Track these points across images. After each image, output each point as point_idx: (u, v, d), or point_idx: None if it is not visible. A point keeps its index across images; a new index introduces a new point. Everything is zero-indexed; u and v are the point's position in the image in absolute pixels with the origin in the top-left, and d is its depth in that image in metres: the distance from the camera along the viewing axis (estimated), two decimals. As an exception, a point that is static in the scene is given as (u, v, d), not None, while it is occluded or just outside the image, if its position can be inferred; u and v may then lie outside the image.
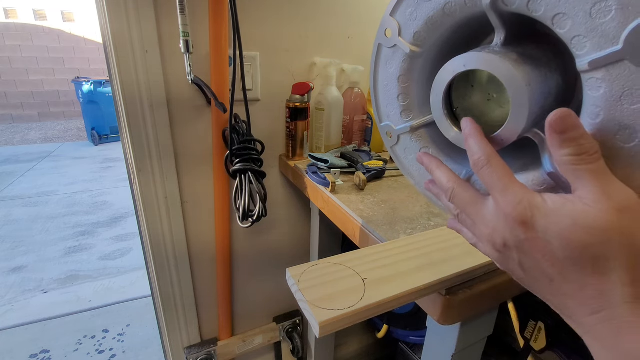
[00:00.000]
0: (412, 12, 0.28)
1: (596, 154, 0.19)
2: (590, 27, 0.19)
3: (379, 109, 0.35)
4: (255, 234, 0.93)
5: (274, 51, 0.78)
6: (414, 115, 0.32)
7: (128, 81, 0.65)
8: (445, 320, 0.39)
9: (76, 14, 5.19)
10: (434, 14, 0.26)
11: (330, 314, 0.30)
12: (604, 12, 0.18)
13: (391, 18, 0.29)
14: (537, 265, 0.21)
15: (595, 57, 0.19)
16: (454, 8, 0.25)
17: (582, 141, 0.19)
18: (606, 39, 0.19)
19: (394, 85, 0.32)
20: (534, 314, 0.61)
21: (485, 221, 0.24)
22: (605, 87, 0.20)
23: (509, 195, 0.22)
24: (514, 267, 0.23)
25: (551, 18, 0.21)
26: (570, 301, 0.21)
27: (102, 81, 3.98)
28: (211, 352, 0.93)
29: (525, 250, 0.22)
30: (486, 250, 0.25)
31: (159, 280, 0.82)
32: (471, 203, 0.25)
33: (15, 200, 2.69)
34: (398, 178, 0.72)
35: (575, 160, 0.20)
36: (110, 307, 1.59)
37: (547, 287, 0.22)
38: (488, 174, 0.23)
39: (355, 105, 0.83)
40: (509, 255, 0.23)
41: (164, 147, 0.72)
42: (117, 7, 0.60)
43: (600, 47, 0.19)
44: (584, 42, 0.20)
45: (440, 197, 0.30)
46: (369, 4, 0.85)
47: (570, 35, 0.20)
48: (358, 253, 0.39)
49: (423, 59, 0.30)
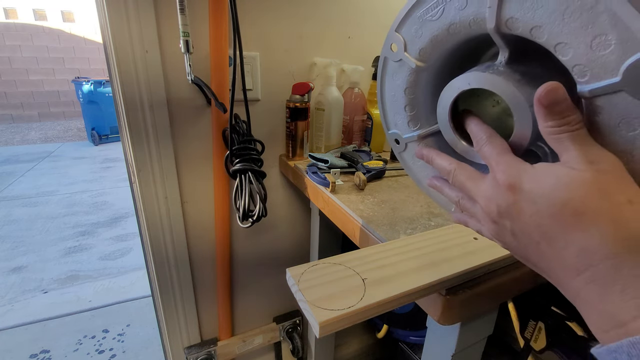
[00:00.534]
0: (417, 30, 0.28)
1: (579, 124, 0.21)
2: (591, 58, 0.20)
3: (386, 118, 0.35)
4: (255, 234, 0.93)
5: (274, 51, 0.78)
6: (421, 125, 0.33)
7: (128, 81, 0.65)
8: (445, 320, 0.39)
9: (76, 14, 5.19)
10: (439, 33, 0.27)
11: (330, 314, 0.30)
12: (603, 45, 0.19)
13: (397, 34, 0.30)
14: (525, 228, 0.22)
15: (595, 86, 0.20)
16: (458, 29, 0.26)
17: (567, 113, 0.21)
18: (605, 71, 0.20)
19: (401, 96, 0.33)
20: (534, 314, 0.61)
21: (482, 193, 0.25)
22: (604, 114, 0.21)
23: (502, 164, 0.24)
24: (508, 236, 0.24)
25: (553, 46, 0.21)
26: (556, 264, 0.21)
27: (102, 81, 3.98)
28: (211, 352, 0.93)
29: (514, 214, 0.23)
30: (486, 227, 0.26)
31: (159, 280, 0.82)
32: (470, 179, 0.26)
33: (15, 200, 2.69)
34: (398, 178, 0.72)
35: (558, 130, 0.21)
36: (110, 307, 1.59)
37: (535, 251, 0.23)
38: (487, 149, 0.25)
39: (355, 105, 0.83)
40: (503, 224, 0.24)
41: (164, 147, 0.72)
42: (117, 7, 0.60)
43: (599, 78, 0.20)
44: (585, 70, 0.20)
45: (442, 189, 0.31)
46: (369, 4, 0.85)
47: (571, 63, 0.21)
48: (358, 253, 0.39)
49: (428, 72, 0.30)
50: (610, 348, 0.18)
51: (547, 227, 0.21)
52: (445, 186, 0.31)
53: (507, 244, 0.25)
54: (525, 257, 0.24)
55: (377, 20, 0.87)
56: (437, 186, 0.32)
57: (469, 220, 0.30)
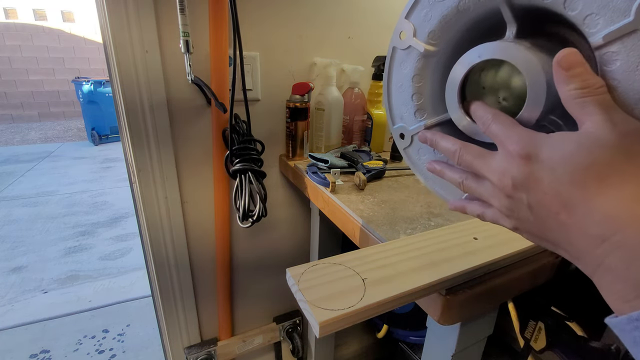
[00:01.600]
0: (426, 13, 0.29)
1: (601, 88, 0.20)
2: (602, 4, 0.20)
3: (392, 111, 0.36)
4: (255, 234, 0.93)
5: (274, 51, 0.78)
6: (428, 115, 0.33)
7: (128, 81, 0.65)
8: (445, 320, 0.39)
9: (76, 14, 5.19)
10: (448, 12, 0.28)
11: (330, 314, 0.30)
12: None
13: (406, 21, 0.31)
14: (543, 199, 0.21)
15: (609, 30, 0.20)
16: (467, 4, 0.26)
17: (587, 76, 0.20)
18: (618, 13, 0.20)
19: (408, 85, 0.33)
20: (534, 314, 0.61)
21: (493, 169, 0.24)
22: (621, 59, 0.21)
23: (514, 136, 0.22)
24: (524, 211, 0.23)
25: (562, 2, 0.22)
26: (577, 233, 0.20)
27: (102, 81, 3.98)
28: (211, 352, 0.93)
29: (530, 184, 0.22)
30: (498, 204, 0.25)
31: (159, 280, 0.82)
32: (478, 156, 0.26)
33: (15, 200, 2.69)
34: (398, 178, 0.72)
35: (581, 93, 0.20)
36: (110, 307, 1.59)
37: (554, 223, 0.21)
38: (495, 126, 0.24)
39: (355, 105, 0.83)
40: (519, 197, 0.23)
41: (164, 147, 0.72)
42: (117, 7, 0.60)
43: (612, 21, 0.20)
44: (597, 19, 0.21)
45: (444, 173, 0.30)
46: (370, 4, 0.85)
47: (582, 15, 0.21)
48: (358, 253, 0.39)
49: (437, 58, 0.31)
50: (632, 317, 0.17)
51: (568, 194, 0.20)
52: (447, 169, 0.30)
53: (522, 219, 0.24)
54: (540, 233, 0.23)
55: (377, 20, 0.87)
56: (437, 170, 0.31)
57: (467, 206, 0.29)
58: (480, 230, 0.45)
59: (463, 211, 0.30)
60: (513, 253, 0.41)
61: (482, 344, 0.52)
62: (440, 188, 0.35)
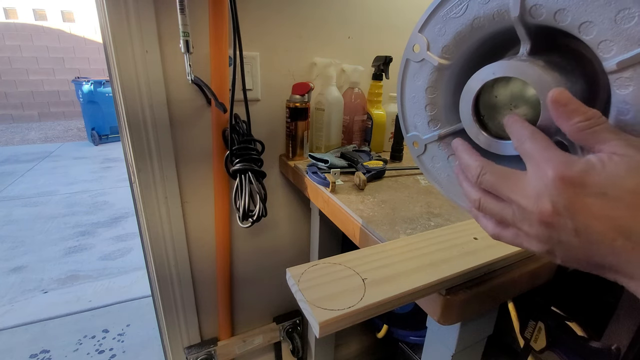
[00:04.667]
0: (440, 28, 0.29)
1: (602, 117, 0.21)
2: (616, 32, 0.21)
3: (405, 121, 0.36)
4: (255, 234, 0.93)
5: (274, 51, 0.78)
6: (442, 124, 0.33)
7: (128, 81, 0.65)
8: (445, 320, 0.39)
9: (76, 13, 5.19)
10: (463, 29, 0.28)
11: (330, 314, 0.30)
12: (627, 18, 0.20)
13: (420, 35, 0.31)
14: (594, 226, 0.20)
15: (623, 57, 0.21)
16: (482, 22, 0.27)
17: (585, 109, 0.21)
18: (632, 42, 0.20)
19: (422, 97, 0.33)
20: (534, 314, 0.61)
21: (526, 192, 0.23)
22: (634, 84, 0.21)
23: (554, 158, 0.22)
24: (567, 237, 0.22)
25: (577, 27, 0.22)
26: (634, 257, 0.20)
27: (102, 81, 3.98)
28: (211, 352, 0.93)
29: (577, 211, 0.21)
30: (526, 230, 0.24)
31: (159, 280, 0.82)
32: (504, 177, 0.24)
33: (15, 200, 2.69)
34: (398, 178, 0.72)
35: (589, 124, 0.21)
36: (110, 307, 1.59)
37: (607, 250, 0.21)
38: (530, 144, 0.23)
39: (355, 105, 0.83)
40: (561, 223, 0.21)
41: (164, 147, 0.72)
42: (117, 7, 0.60)
43: (626, 49, 0.21)
44: (611, 45, 0.21)
45: (462, 182, 0.29)
46: (370, 4, 0.85)
47: (596, 40, 0.22)
48: (358, 253, 0.39)
49: (450, 70, 0.31)
50: None
51: (625, 219, 0.19)
52: (465, 181, 0.28)
53: (563, 244, 0.22)
54: (587, 258, 0.22)
55: (377, 20, 0.87)
56: (460, 178, 0.30)
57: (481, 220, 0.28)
58: (480, 230, 0.45)
59: (477, 220, 0.29)
60: (513, 253, 0.41)
61: (482, 344, 0.52)
62: (456, 196, 0.35)
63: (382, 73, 0.83)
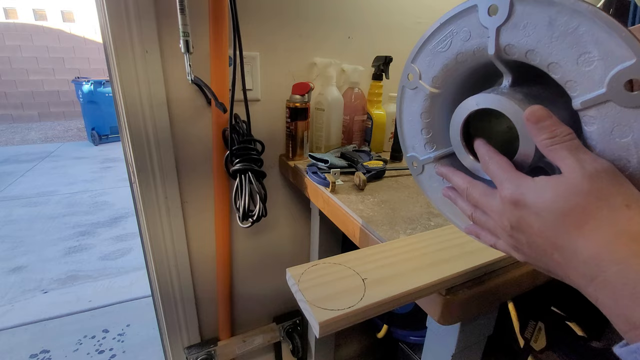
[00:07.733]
0: (430, 61, 0.31)
1: (569, 135, 0.22)
2: (579, 74, 0.22)
3: (404, 142, 0.38)
4: (255, 234, 0.93)
5: (274, 51, 0.78)
6: (437, 147, 0.35)
7: (128, 81, 0.65)
8: (445, 320, 0.39)
9: (76, 13, 5.19)
10: (449, 62, 0.30)
11: (330, 314, 0.30)
12: (587, 61, 0.21)
13: (412, 65, 0.33)
14: (537, 241, 0.23)
15: (586, 98, 0.22)
16: (465, 57, 0.29)
17: (554, 127, 0.22)
18: (593, 83, 0.21)
19: (418, 121, 0.35)
20: (534, 314, 0.61)
21: (494, 210, 0.26)
22: (597, 123, 0.22)
23: (505, 181, 0.24)
24: (525, 248, 0.25)
25: (546, 66, 0.24)
26: (571, 272, 0.22)
27: (102, 81, 3.98)
28: (211, 352, 0.93)
29: (523, 228, 0.24)
30: (504, 239, 0.27)
31: (159, 280, 0.82)
32: (483, 195, 0.27)
33: (15, 200, 2.69)
34: (398, 178, 0.72)
35: (551, 142, 0.22)
36: (110, 307, 1.59)
37: (551, 262, 0.23)
38: (492, 167, 0.26)
39: (355, 105, 0.83)
40: (518, 237, 0.25)
41: (164, 147, 0.72)
42: (117, 7, 0.60)
43: (588, 90, 0.22)
44: (575, 85, 0.22)
45: (456, 200, 0.32)
46: (369, 4, 0.85)
47: (563, 80, 0.23)
48: (358, 253, 0.39)
49: (442, 97, 0.33)
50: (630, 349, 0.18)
51: (555, 238, 0.22)
52: (459, 198, 0.32)
53: (526, 255, 0.26)
54: (545, 268, 0.25)
55: (377, 20, 0.87)
56: (452, 197, 0.33)
57: (480, 233, 0.30)
58: (480, 230, 0.45)
59: (477, 237, 0.31)
60: (513, 253, 0.41)
61: (482, 344, 0.52)
62: (451, 213, 0.36)
63: (382, 73, 0.83)
